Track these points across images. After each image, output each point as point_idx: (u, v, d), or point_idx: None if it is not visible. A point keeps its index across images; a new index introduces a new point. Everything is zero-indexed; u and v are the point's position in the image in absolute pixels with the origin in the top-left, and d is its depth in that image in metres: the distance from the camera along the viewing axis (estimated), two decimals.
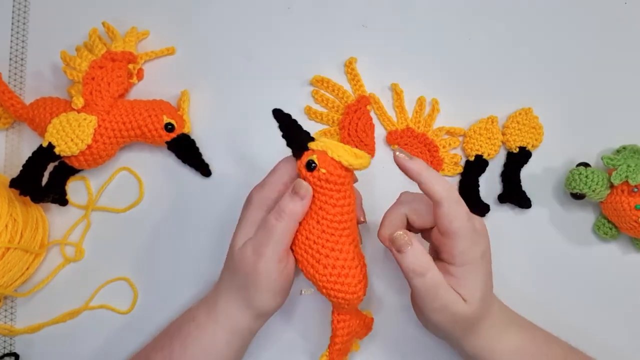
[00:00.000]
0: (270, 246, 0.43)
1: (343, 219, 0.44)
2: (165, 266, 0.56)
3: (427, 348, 0.54)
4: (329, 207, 0.44)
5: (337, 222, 0.44)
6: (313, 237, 0.44)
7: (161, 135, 0.54)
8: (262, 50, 0.59)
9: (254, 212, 0.46)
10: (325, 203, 0.44)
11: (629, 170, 0.51)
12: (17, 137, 0.58)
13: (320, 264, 0.44)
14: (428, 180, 0.42)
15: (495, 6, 0.59)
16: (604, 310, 0.55)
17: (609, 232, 0.55)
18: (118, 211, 0.57)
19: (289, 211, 0.43)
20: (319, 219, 0.44)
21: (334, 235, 0.44)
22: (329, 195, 0.43)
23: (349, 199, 0.44)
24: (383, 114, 0.58)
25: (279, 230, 0.43)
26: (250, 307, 0.46)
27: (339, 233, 0.44)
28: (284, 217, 0.43)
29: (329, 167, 0.43)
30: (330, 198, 0.43)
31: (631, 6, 0.59)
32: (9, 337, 0.56)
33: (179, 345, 0.46)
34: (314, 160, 0.43)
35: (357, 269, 0.45)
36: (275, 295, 0.46)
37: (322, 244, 0.44)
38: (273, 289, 0.45)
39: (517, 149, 0.56)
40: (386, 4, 0.59)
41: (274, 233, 0.43)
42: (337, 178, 0.43)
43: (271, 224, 0.44)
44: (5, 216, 0.51)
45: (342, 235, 0.44)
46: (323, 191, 0.43)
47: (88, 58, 0.54)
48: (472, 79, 0.58)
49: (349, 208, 0.44)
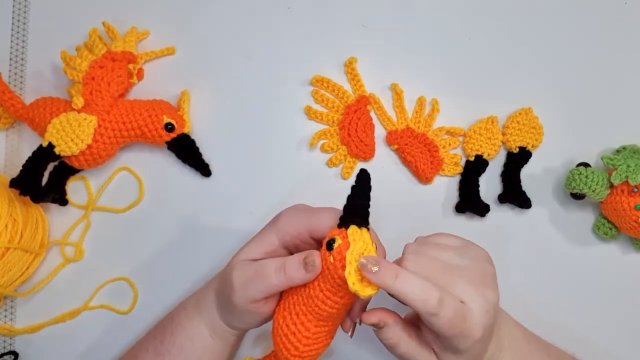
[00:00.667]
0: (250, 289, 0.43)
1: (322, 308, 0.41)
2: (165, 266, 0.56)
3: None
4: (317, 290, 0.41)
5: (316, 305, 0.41)
6: (295, 298, 0.43)
7: (161, 135, 0.54)
8: (262, 50, 0.59)
9: (271, 236, 0.45)
10: (318, 283, 0.41)
11: (629, 170, 0.51)
12: (17, 137, 0.58)
13: (284, 319, 0.43)
14: (402, 296, 0.39)
15: (495, 6, 0.59)
16: (604, 310, 0.55)
17: (609, 232, 0.55)
18: (118, 211, 0.57)
19: (289, 276, 0.41)
20: (306, 291, 0.42)
21: (307, 312, 0.42)
22: (324, 279, 0.41)
23: (338, 299, 0.41)
24: (383, 114, 0.58)
25: (268, 283, 0.42)
26: (226, 320, 0.47)
27: (311, 312, 0.42)
28: (282, 277, 0.42)
29: (337, 263, 0.40)
30: (323, 283, 0.41)
31: (631, 6, 0.59)
32: (8, 337, 0.56)
33: (169, 333, 0.48)
34: (335, 243, 0.40)
35: (306, 348, 0.43)
36: (248, 322, 0.46)
37: (295, 309, 0.43)
38: (245, 319, 0.45)
39: (517, 149, 0.56)
40: (386, 4, 0.59)
41: (263, 282, 0.42)
42: (337, 277, 0.40)
43: (267, 273, 0.42)
44: (5, 216, 0.51)
45: (313, 317, 0.42)
46: (323, 271, 0.41)
47: (88, 58, 0.54)
48: (472, 79, 0.58)
49: (334, 305, 0.41)
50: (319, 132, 0.57)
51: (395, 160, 0.58)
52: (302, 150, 0.57)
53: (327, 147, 0.57)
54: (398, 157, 0.58)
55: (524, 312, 0.48)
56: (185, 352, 0.47)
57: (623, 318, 0.55)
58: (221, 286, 0.46)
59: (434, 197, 0.57)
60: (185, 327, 0.47)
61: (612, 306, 0.55)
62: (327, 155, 0.57)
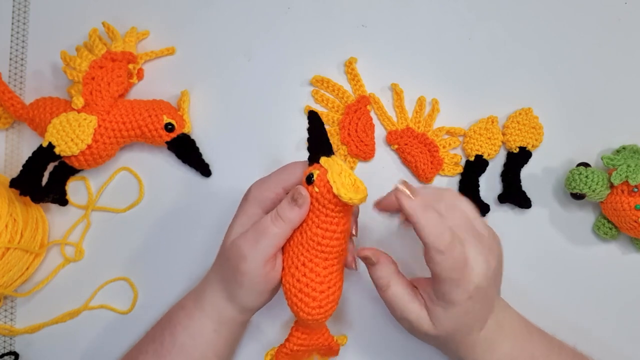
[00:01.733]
0: (259, 248, 0.43)
1: (324, 243, 0.43)
2: (165, 266, 0.56)
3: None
4: (314, 228, 0.43)
5: (318, 244, 0.43)
6: (295, 250, 0.44)
7: (161, 135, 0.54)
8: (262, 50, 0.59)
9: (252, 208, 0.46)
10: (312, 221, 0.43)
11: (629, 170, 0.51)
12: (17, 137, 0.58)
13: (293, 276, 0.44)
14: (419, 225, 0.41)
15: (495, 6, 0.59)
16: (603, 310, 0.55)
17: (609, 232, 0.55)
18: (118, 211, 0.57)
19: (286, 218, 0.43)
20: (304, 236, 0.44)
21: (312, 255, 0.44)
22: (316, 215, 0.43)
23: (335, 227, 0.43)
24: (383, 114, 0.58)
25: (272, 234, 0.43)
26: (234, 302, 0.46)
27: (317, 255, 0.44)
28: (280, 223, 0.43)
29: (322, 189, 0.42)
30: (317, 218, 0.43)
31: (631, 6, 0.59)
32: (8, 337, 0.56)
33: (168, 334, 0.47)
34: (314, 175, 0.43)
35: (323, 294, 0.44)
36: (259, 295, 0.46)
37: (300, 259, 0.44)
38: (257, 289, 0.45)
39: (517, 149, 0.56)
40: (386, 4, 0.59)
41: (267, 236, 0.43)
42: (327, 202, 0.42)
43: (265, 226, 0.44)
44: (5, 216, 0.51)
45: (319, 258, 0.44)
46: (313, 208, 0.43)
47: (88, 58, 0.54)
48: (472, 79, 0.58)
49: (333, 235, 0.43)
50: None
51: (395, 160, 0.58)
52: (302, 151, 0.57)
53: None
54: (398, 157, 0.58)
55: (524, 312, 0.48)
56: (186, 351, 0.46)
57: (623, 318, 0.55)
58: (223, 269, 0.46)
59: None
60: (185, 326, 0.47)
61: (612, 306, 0.55)
62: None
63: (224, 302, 0.47)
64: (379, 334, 0.55)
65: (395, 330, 0.54)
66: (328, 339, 0.49)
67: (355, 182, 0.42)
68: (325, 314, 0.45)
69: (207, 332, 0.47)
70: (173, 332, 0.47)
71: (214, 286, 0.47)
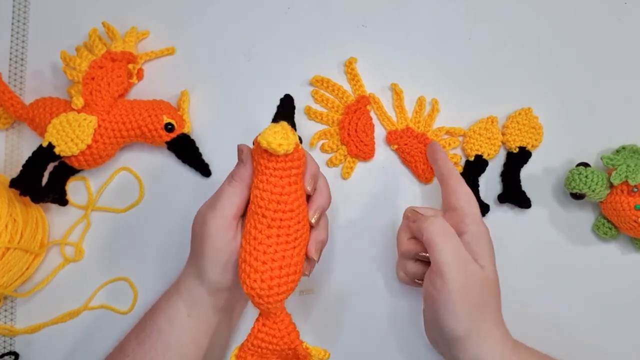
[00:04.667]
0: (217, 209, 0.45)
1: (262, 205, 0.42)
2: (165, 266, 0.56)
3: None
4: (254, 189, 0.44)
5: (258, 206, 0.43)
6: (248, 220, 0.44)
7: (161, 135, 0.54)
8: (262, 50, 0.59)
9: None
10: (254, 185, 0.44)
11: (628, 170, 0.51)
12: (17, 137, 0.58)
13: (241, 245, 0.44)
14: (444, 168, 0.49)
15: (495, 6, 0.59)
16: (603, 310, 0.55)
17: (609, 232, 0.55)
18: (118, 211, 0.57)
19: (236, 176, 0.45)
20: (251, 208, 0.44)
21: (255, 221, 0.43)
22: (256, 175, 0.44)
23: (272, 187, 0.42)
24: (383, 114, 0.58)
25: (227, 193, 0.45)
26: (201, 278, 0.46)
27: (259, 220, 0.43)
28: (232, 182, 0.45)
29: (255, 144, 0.44)
30: (256, 178, 0.43)
31: (631, 6, 0.59)
32: (8, 337, 0.56)
33: (149, 318, 0.48)
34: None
35: (266, 266, 0.42)
36: (223, 268, 0.45)
37: (247, 227, 0.44)
38: (220, 258, 0.45)
39: (517, 149, 0.56)
40: (386, 4, 0.59)
41: (222, 196, 0.45)
42: (258, 157, 0.43)
43: (221, 188, 0.46)
44: (5, 216, 0.51)
45: (262, 224, 0.43)
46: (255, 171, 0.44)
47: (88, 58, 0.54)
48: (472, 79, 0.58)
49: (271, 196, 0.42)
50: (319, 132, 0.57)
51: (395, 160, 0.58)
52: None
53: (327, 147, 0.57)
54: (398, 157, 0.58)
55: (523, 312, 0.48)
56: (163, 335, 0.46)
57: (623, 318, 0.55)
58: (192, 243, 0.48)
59: (434, 197, 0.57)
60: (163, 310, 0.47)
61: (612, 306, 0.55)
62: (327, 155, 0.57)
63: (194, 281, 0.47)
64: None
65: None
66: (295, 342, 0.44)
67: (287, 134, 0.42)
68: (271, 292, 0.42)
69: (182, 317, 0.47)
70: (153, 317, 0.48)
71: (187, 268, 0.48)
